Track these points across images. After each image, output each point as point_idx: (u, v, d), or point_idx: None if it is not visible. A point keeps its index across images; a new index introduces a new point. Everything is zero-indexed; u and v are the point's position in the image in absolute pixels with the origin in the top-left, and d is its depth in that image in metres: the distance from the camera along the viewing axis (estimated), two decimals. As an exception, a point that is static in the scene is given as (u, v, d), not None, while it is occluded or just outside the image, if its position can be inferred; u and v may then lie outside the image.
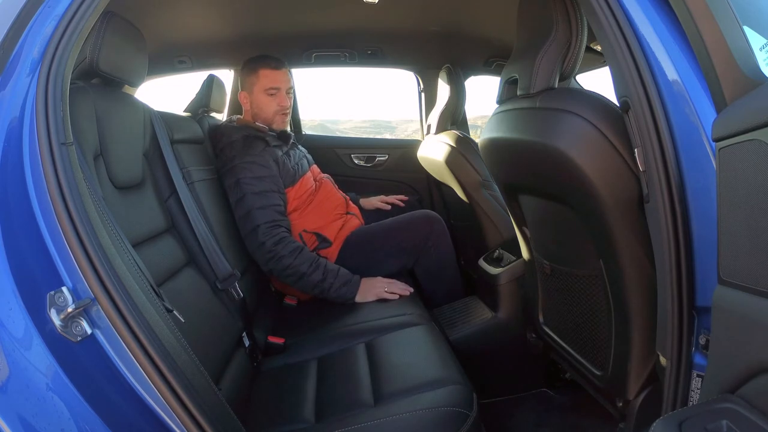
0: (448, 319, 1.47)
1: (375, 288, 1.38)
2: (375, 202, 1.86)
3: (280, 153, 1.50)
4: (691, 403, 0.70)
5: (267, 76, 1.53)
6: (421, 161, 2.02)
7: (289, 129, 1.63)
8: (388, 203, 1.85)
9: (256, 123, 1.55)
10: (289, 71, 1.64)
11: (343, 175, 2.08)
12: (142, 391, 0.64)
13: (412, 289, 1.42)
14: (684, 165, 0.66)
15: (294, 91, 1.90)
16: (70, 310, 0.61)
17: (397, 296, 1.38)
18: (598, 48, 1.43)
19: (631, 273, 0.82)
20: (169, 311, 0.79)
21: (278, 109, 1.55)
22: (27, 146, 0.66)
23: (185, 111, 1.58)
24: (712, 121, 0.60)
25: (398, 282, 1.42)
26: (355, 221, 1.63)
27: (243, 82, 1.57)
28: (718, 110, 0.61)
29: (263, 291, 1.50)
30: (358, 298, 1.37)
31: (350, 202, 1.68)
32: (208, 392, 0.70)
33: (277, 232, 1.36)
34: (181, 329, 0.72)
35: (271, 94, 1.53)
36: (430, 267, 1.54)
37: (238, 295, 1.20)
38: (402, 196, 1.90)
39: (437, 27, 1.80)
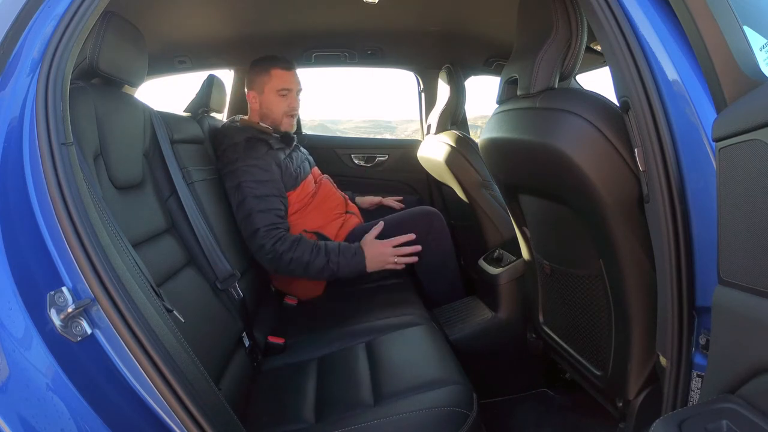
0: (448, 319, 1.47)
1: (383, 257, 1.40)
2: (372, 199, 1.88)
3: (282, 156, 1.50)
4: (691, 403, 0.70)
5: (280, 77, 1.52)
6: (421, 161, 2.02)
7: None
8: (387, 205, 1.86)
9: (260, 124, 1.55)
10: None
11: (343, 175, 2.09)
12: (142, 391, 0.64)
13: (419, 248, 1.43)
14: (684, 165, 0.66)
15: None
16: (70, 310, 0.61)
17: (403, 266, 1.42)
18: (598, 48, 1.43)
19: (631, 273, 0.82)
20: (169, 311, 0.79)
21: (288, 110, 1.55)
22: (27, 146, 0.66)
23: (185, 111, 1.58)
24: (712, 121, 0.59)
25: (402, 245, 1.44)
26: (355, 220, 1.63)
27: (252, 82, 1.56)
28: (718, 110, 0.61)
29: (263, 291, 1.50)
30: (370, 268, 1.39)
31: (349, 201, 1.69)
32: (208, 392, 0.70)
33: (275, 233, 1.37)
34: (181, 329, 0.72)
35: (283, 95, 1.53)
36: (431, 263, 1.54)
37: (238, 295, 1.20)
38: (399, 198, 1.92)
39: (437, 27, 1.80)
